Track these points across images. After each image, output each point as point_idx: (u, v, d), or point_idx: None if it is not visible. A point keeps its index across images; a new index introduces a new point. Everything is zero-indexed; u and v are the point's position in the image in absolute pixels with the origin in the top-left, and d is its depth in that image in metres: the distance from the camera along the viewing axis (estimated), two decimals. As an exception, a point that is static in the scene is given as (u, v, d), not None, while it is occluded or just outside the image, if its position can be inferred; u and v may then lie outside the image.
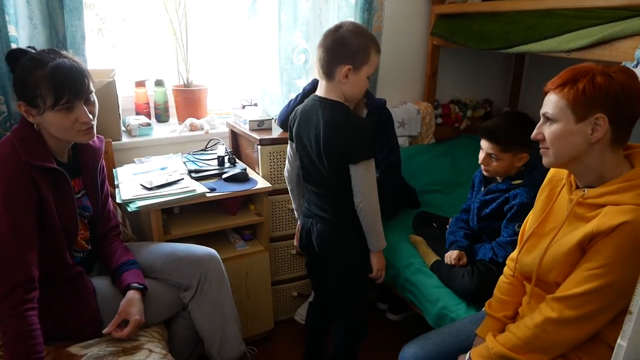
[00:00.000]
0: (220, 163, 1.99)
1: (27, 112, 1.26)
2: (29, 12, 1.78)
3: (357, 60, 1.43)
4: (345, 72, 1.43)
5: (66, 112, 1.26)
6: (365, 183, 1.46)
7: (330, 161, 1.47)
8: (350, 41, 1.42)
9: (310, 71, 2.35)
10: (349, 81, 1.45)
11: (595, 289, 0.98)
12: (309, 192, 1.62)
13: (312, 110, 1.51)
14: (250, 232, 2.02)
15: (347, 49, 1.42)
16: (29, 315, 1.17)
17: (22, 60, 1.25)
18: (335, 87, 1.47)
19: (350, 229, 1.54)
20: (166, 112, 2.38)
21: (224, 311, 1.55)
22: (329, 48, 1.44)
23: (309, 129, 1.51)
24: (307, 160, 1.55)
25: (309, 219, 1.62)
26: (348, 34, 1.43)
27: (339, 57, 1.43)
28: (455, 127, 2.98)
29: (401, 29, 2.71)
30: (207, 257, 1.56)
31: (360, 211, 1.48)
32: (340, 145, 1.43)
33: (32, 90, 1.22)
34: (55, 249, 1.31)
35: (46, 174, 1.27)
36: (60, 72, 1.23)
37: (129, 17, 2.34)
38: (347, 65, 1.42)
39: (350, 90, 1.48)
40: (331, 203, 1.54)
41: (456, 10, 2.58)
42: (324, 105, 1.48)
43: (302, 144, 1.55)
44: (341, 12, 2.34)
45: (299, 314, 2.10)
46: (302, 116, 1.55)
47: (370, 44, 1.45)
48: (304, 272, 2.17)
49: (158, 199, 1.65)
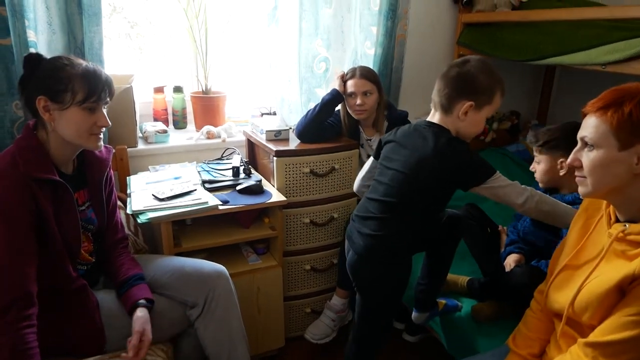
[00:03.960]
0: (235, 174, 1.94)
1: (45, 107, 1.24)
2: (48, 17, 1.77)
3: (480, 99, 1.39)
4: (465, 109, 1.39)
5: (89, 113, 1.27)
6: (508, 192, 1.42)
7: (423, 193, 1.43)
8: (477, 78, 1.39)
9: (330, 80, 2.29)
10: (468, 118, 1.41)
11: (634, 338, 0.88)
12: (360, 217, 1.55)
13: (418, 132, 1.48)
14: (263, 246, 1.96)
15: (472, 85, 1.39)
16: (26, 333, 1.13)
17: (51, 59, 1.26)
18: (451, 122, 1.44)
19: (386, 259, 1.49)
20: (184, 118, 2.34)
21: (231, 331, 1.49)
22: (453, 81, 1.41)
23: (408, 151, 1.47)
24: (388, 179, 1.49)
25: (347, 241, 1.59)
26: (476, 71, 1.39)
27: (463, 92, 1.39)
28: (480, 139, 2.88)
29: (426, 38, 2.63)
30: (216, 274, 1.50)
31: (530, 210, 1.43)
32: (448, 174, 1.41)
33: (62, 84, 1.23)
34: (56, 262, 1.27)
35: (46, 185, 1.23)
36: (94, 73, 1.28)
37: (148, 22, 2.32)
38: (470, 102, 1.39)
39: (466, 128, 1.44)
40: (384, 228, 1.48)
41: (484, 19, 2.48)
42: (435, 131, 1.44)
43: (392, 162, 1.51)
44: (364, 20, 2.28)
45: (310, 332, 2.03)
46: (403, 136, 1.53)
47: (497, 85, 1.41)
48: (318, 288, 2.10)
49: (169, 210, 1.60)
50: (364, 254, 1.49)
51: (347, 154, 1.99)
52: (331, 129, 2.06)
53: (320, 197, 1.98)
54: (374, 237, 1.47)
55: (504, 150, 2.83)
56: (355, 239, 1.53)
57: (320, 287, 2.11)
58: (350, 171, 2.01)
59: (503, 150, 2.84)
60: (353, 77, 2.01)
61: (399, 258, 1.50)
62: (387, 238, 1.47)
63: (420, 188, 1.44)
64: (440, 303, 1.74)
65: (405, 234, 1.48)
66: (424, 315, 1.73)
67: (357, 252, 1.51)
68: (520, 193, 1.42)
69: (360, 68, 2.04)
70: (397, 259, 1.50)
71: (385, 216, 1.47)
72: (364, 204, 1.58)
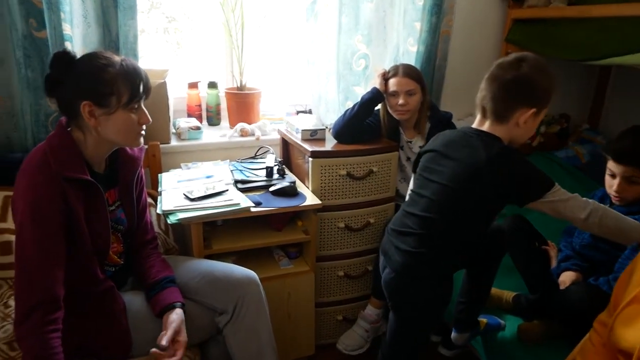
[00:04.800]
0: (268, 174, 1.87)
1: (91, 113, 1.19)
2: (84, 10, 1.74)
3: (541, 104, 1.27)
4: (527, 117, 1.27)
5: (132, 112, 1.23)
6: (570, 206, 1.28)
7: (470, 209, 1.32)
8: (538, 82, 1.26)
9: (369, 78, 2.19)
10: (525, 126, 1.29)
11: None
12: (397, 232, 1.44)
13: (464, 141, 1.36)
14: (296, 250, 1.88)
15: (534, 90, 1.27)
16: (51, 338, 1.08)
17: (87, 59, 1.21)
18: (505, 130, 1.31)
19: (426, 279, 1.39)
20: (218, 115, 2.29)
21: (260, 340, 1.42)
22: (509, 85, 1.27)
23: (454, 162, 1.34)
24: (430, 193, 1.37)
25: (383, 256, 1.49)
26: (535, 72, 1.26)
27: (523, 98, 1.27)
28: (527, 143, 2.72)
29: (472, 34, 2.49)
30: (246, 280, 1.43)
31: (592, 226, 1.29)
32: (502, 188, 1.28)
33: (108, 87, 1.18)
34: (84, 263, 1.23)
35: (78, 185, 1.19)
36: (134, 69, 1.23)
37: (186, 17, 2.28)
38: (532, 109, 1.26)
39: (522, 135, 1.33)
40: (425, 245, 1.36)
41: (537, 15, 2.32)
42: (484, 139, 1.31)
43: (433, 173, 1.39)
44: (407, 15, 2.16)
45: (343, 343, 1.94)
46: (446, 144, 1.40)
47: (554, 84, 1.28)
48: (351, 295, 2.01)
49: (200, 211, 1.55)
50: (402, 272, 1.39)
51: (386, 157, 1.88)
52: (370, 129, 1.96)
53: (357, 200, 1.88)
54: (414, 254, 1.36)
55: (552, 156, 2.65)
56: (392, 255, 1.42)
57: (353, 294, 2.02)
58: (388, 174, 1.91)
59: (551, 155, 2.66)
60: (396, 75, 1.90)
61: (441, 278, 1.39)
62: (428, 256, 1.36)
63: (467, 204, 1.31)
64: (482, 322, 1.62)
65: (447, 253, 1.37)
66: (464, 335, 1.61)
67: (395, 270, 1.40)
68: (582, 207, 1.28)
69: (404, 66, 1.93)
70: (438, 279, 1.39)
71: (425, 232, 1.36)
72: (401, 217, 1.46)
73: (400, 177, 2.05)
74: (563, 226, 1.89)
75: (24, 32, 1.64)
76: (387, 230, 1.50)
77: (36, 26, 1.64)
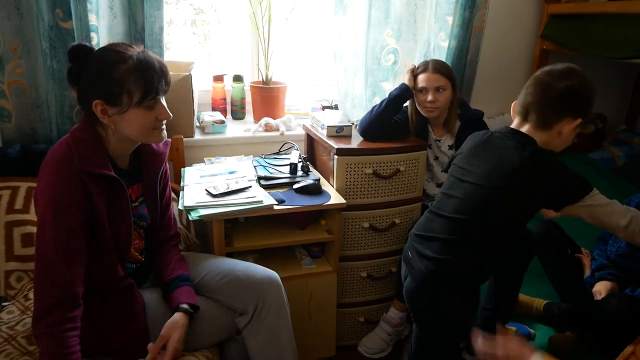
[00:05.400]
0: (292, 171, 1.83)
1: (104, 111, 1.15)
2: (110, 1, 1.72)
3: (587, 115, 1.25)
4: (572, 127, 1.25)
5: (149, 109, 1.18)
6: (609, 211, 1.24)
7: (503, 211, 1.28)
8: (586, 93, 1.25)
9: (398, 74, 2.13)
10: (568, 136, 1.27)
11: None
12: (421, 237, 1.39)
13: (499, 140, 1.33)
14: (318, 250, 1.84)
15: (582, 101, 1.25)
16: (69, 336, 1.06)
17: (99, 55, 1.15)
18: (545, 136, 1.28)
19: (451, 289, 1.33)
20: (242, 109, 2.26)
21: (280, 343, 1.38)
22: (559, 94, 1.24)
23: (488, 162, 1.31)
24: (460, 193, 1.33)
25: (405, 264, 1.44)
26: (585, 84, 1.24)
27: (572, 109, 1.24)
28: (559, 144, 2.62)
29: (506, 29, 2.40)
30: (267, 280, 1.39)
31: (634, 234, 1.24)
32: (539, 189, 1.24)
33: (118, 86, 1.12)
34: (105, 260, 1.21)
35: (101, 180, 1.16)
36: (147, 65, 1.15)
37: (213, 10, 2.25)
38: (578, 120, 1.24)
39: (560, 144, 1.30)
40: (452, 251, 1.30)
41: (575, 11, 2.22)
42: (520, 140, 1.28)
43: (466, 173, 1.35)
44: (439, 8, 2.09)
45: (364, 346, 1.90)
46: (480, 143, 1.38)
47: (595, 95, 1.26)
48: (373, 297, 1.96)
49: (222, 208, 1.51)
50: (423, 281, 1.33)
51: (414, 155, 1.82)
52: (397, 127, 1.90)
53: (382, 200, 1.83)
54: (438, 261, 1.30)
55: (587, 158, 2.55)
56: (414, 263, 1.36)
57: (376, 296, 1.97)
58: (416, 174, 1.85)
59: (585, 157, 2.56)
60: (425, 71, 1.83)
61: (466, 292, 1.33)
62: (454, 263, 1.30)
63: (500, 205, 1.26)
64: (510, 330, 1.55)
65: (475, 260, 1.30)
66: None
67: (416, 279, 1.34)
68: (623, 214, 1.22)
69: (434, 62, 1.86)
70: (463, 292, 1.33)
71: (453, 237, 1.30)
72: (426, 221, 1.40)
73: (427, 176, 1.99)
74: (596, 233, 1.81)
75: (50, 22, 1.63)
76: (410, 236, 1.45)
77: (62, 16, 1.63)
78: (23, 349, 1.28)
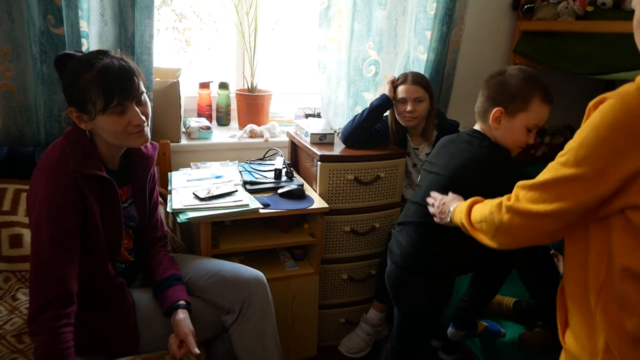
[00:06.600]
0: (277, 176, 1.89)
1: (79, 118, 1.19)
2: (101, 8, 1.76)
3: (512, 105, 1.33)
4: (496, 115, 1.34)
5: (118, 116, 1.18)
6: None
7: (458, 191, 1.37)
8: (510, 83, 1.33)
9: (379, 84, 2.22)
10: (501, 127, 1.36)
11: None
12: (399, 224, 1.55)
13: (461, 138, 1.47)
14: (301, 252, 1.90)
15: (505, 90, 1.34)
16: (63, 332, 1.10)
17: (70, 64, 1.19)
18: (487, 130, 1.40)
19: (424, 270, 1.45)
20: (227, 116, 2.31)
21: (265, 341, 1.44)
22: (488, 87, 1.38)
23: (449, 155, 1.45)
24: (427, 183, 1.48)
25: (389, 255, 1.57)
26: (512, 76, 1.34)
27: (496, 98, 1.35)
28: (530, 153, 2.74)
29: (481, 44, 2.51)
30: (254, 280, 1.45)
31: None
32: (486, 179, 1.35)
33: (81, 95, 1.15)
34: (97, 259, 1.25)
35: (94, 182, 1.21)
36: (109, 73, 1.15)
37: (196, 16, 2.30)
38: (498, 108, 1.33)
39: (502, 137, 1.38)
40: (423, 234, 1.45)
41: (545, 28, 2.34)
42: (477, 136, 1.42)
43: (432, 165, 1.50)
44: (419, 23, 2.19)
45: (345, 345, 1.96)
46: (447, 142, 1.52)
47: (535, 91, 1.33)
48: (354, 298, 2.03)
49: (209, 211, 1.57)
50: (400, 264, 1.46)
51: (393, 163, 1.91)
52: (378, 135, 1.99)
53: (363, 205, 1.91)
54: (411, 244, 1.45)
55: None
56: (394, 250, 1.51)
57: (356, 297, 2.04)
58: (395, 180, 1.93)
59: (554, 166, 2.69)
60: (404, 82, 1.92)
61: (436, 276, 1.45)
62: (424, 247, 1.44)
63: (455, 192, 1.35)
64: (481, 325, 1.65)
65: (444, 244, 1.42)
66: (460, 333, 1.64)
67: (394, 262, 1.49)
68: None
69: (412, 74, 1.95)
70: (435, 270, 1.45)
71: (424, 220, 1.43)
72: (404, 211, 1.56)
73: (406, 183, 2.08)
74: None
75: (41, 28, 1.66)
76: (392, 228, 1.57)
77: (54, 22, 1.67)
78: (13, 347, 1.30)
